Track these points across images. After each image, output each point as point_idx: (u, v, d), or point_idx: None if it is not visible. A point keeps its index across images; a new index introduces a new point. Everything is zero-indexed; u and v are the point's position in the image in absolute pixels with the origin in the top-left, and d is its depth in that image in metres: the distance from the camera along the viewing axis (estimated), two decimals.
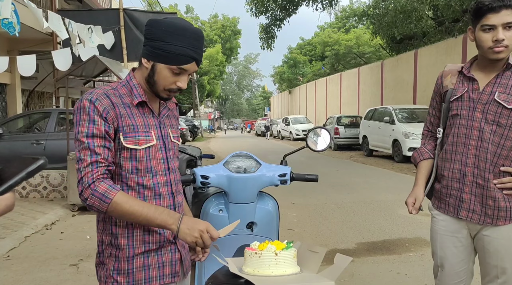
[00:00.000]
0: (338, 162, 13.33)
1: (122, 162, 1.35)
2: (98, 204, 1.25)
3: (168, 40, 1.31)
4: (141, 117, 1.39)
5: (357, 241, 4.66)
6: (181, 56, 1.32)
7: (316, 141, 2.16)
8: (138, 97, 1.39)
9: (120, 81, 1.44)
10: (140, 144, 1.36)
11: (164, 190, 1.42)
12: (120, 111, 1.34)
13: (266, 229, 2.07)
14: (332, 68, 32.71)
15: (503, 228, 1.76)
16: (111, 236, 1.37)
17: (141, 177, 1.37)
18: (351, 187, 8.16)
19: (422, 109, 13.58)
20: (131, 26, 7.47)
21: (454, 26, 17.11)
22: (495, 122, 1.73)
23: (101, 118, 1.30)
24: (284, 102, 42.28)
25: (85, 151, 1.27)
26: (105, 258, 1.38)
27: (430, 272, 3.71)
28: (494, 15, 1.65)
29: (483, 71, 1.80)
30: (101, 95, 1.33)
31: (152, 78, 1.36)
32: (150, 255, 1.38)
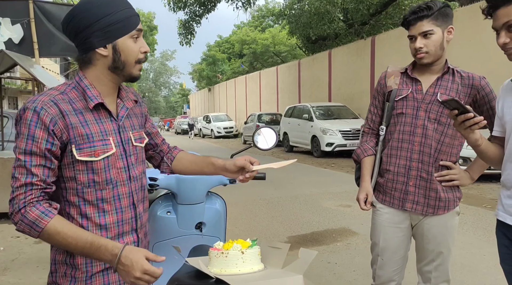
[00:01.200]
0: (261, 159, 13.38)
1: (77, 175, 1.23)
2: (28, 231, 1.15)
3: (109, 11, 1.21)
4: (96, 124, 1.26)
5: (287, 234, 4.84)
6: (131, 18, 1.25)
7: (262, 141, 2.21)
8: (94, 100, 1.25)
9: (68, 83, 1.28)
10: (96, 154, 1.24)
11: (126, 202, 1.32)
12: (70, 120, 1.20)
13: (215, 228, 2.08)
14: (251, 66, 33.26)
15: (442, 216, 1.96)
16: (66, 254, 1.26)
17: (99, 190, 1.26)
18: (277, 183, 8.40)
19: (337, 107, 14.42)
20: (42, 19, 6.88)
21: (362, 29, 18.38)
22: (436, 120, 1.92)
23: (45, 133, 1.16)
24: (204, 100, 42.04)
25: (20, 168, 1.15)
26: (59, 278, 1.27)
27: (357, 259, 4.00)
28: (412, 27, 1.88)
29: (423, 74, 1.98)
30: (47, 103, 1.17)
31: (119, 60, 1.25)
32: (110, 272, 1.29)
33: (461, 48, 9.53)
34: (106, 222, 1.28)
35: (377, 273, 2.10)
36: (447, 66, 1.94)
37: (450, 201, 1.96)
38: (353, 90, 15.48)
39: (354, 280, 3.48)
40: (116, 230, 1.30)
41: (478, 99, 1.92)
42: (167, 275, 1.64)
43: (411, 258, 2.13)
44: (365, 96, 14.66)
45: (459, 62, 2.65)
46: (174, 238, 2.00)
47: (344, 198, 6.74)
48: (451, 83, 1.93)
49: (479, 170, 1.97)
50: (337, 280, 3.50)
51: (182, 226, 2.00)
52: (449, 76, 1.94)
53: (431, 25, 1.83)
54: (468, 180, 1.96)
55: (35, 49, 6.68)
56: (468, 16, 9.82)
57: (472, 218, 5.25)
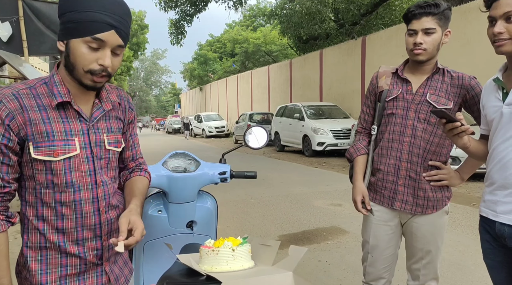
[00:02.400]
0: (253, 158, 13.63)
1: (36, 174, 1.18)
2: None
3: (78, 7, 1.11)
4: (61, 122, 1.19)
5: (279, 233, 4.86)
6: (95, 23, 1.11)
7: (252, 140, 2.23)
8: (58, 97, 1.18)
9: (40, 78, 1.23)
10: (56, 154, 1.17)
11: (89, 208, 1.24)
12: (29, 116, 1.14)
13: (206, 227, 2.09)
14: (242, 65, 33.25)
15: (430, 215, 1.99)
16: (23, 257, 1.22)
17: (58, 193, 1.19)
18: (268, 182, 8.43)
19: (328, 106, 14.49)
20: (32, 17, 6.81)
21: (353, 29, 18.50)
22: (426, 120, 1.94)
23: (1, 127, 1.11)
24: (196, 99, 41.93)
25: None
26: (23, 279, 1.23)
27: (347, 257, 4.03)
28: (416, 21, 1.86)
29: (414, 73, 2.00)
30: (7, 97, 1.12)
31: (69, 60, 1.15)
32: (69, 281, 1.23)
33: (451, 48, 9.65)
34: (64, 226, 1.22)
35: (367, 270, 2.13)
36: (436, 66, 1.97)
37: (439, 201, 1.99)
38: (344, 90, 15.57)
39: (344, 278, 3.51)
40: (75, 235, 1.23)
41: (468, 99, 1.94)
42: (159, 273, 1.65)
43: (401, 256, 2.16)
44: (356, 96, 14.76)
45: (448, 62, 2.68)
46: (165, 236, 2.00)
47: (335, 197, 6.78)
48: (440, 83, 1.95)
49: (469, 170, 1.98)
50: (327, 278, 3.53)
51: (173, 225, 2.00)
52: (439, 76, 1.96)
53: (434, 23, 1.84)
54: (458, 180, 1.98)
55: (24, 47, 6.62)
56: (457, 17, 9.93)
57: (460, 216, 5.32)
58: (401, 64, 2.07)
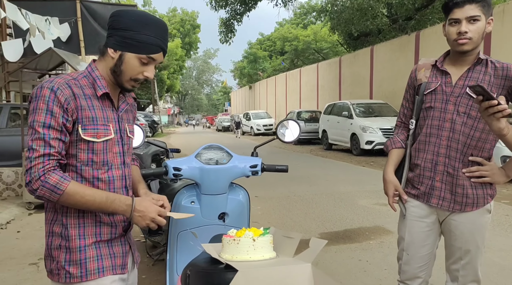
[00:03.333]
0: (299, 156, 13.57)
1: (78, 153, 1.35)
2: (49, 195, 1.25)
3: (138, 29, 1.33)
4: (101, 110, 1.39)
5: (320, 231, 4.81)
6: (151, 46, 1.35)
7: (285, 133, 2.22)
8: (102, 89, 1.39)
9: (80, 72, 1.42)
10: (98, 136, 1.36)
11: (119, 184, 1.44)
12: (80, 102, 1.33)
13: (238, 219, 2.11)
14: (291, 63, 33.12)
15: (470, 213, 1.89)
16: (62, 227, 1.36)
17: (96, 170, 1.38)
18: (313, 180, 8.35)
19: (378, 104, 14.09)
20: (88, 18, 7.23)
21: (407, 24, 17.81)
22: (466, 114, 1.84)
23: (60, 110, 1.28)
24: (245, 98, 42.34)
25: (39, 141, 1.26)
26: (54, 250, 1.37)
27: (389, 258, 3.91)
28: (459, 9, 1.77)
29: (455, 65, 1.90)
30: (62, 85, 1.31)
31: (119, 68, 1.37)
32: (102, 246, 1.39)
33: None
34: None
35: (402, 269, 2.06)
36: (478, 57, 1.86)
37: (479, 198, 1.88)
38: (395, 87, 15.05)
39: (384, 278, 3.41)
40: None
41: None
42: (187, 260, 1.70)
43: (441, 255, 2.07)
44: None
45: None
46: (197, 227, 2.05)
47: (381, 196, 6.59)
48: (482, 75, 1.84)
49: None
50: (367, 277, 3.45)
51: (205, 216, 2.04)
52: (481, 68, 1.85)
53: (478, 11, 1.75)
54: (503, 177, 1.86)
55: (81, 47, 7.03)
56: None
57: None
58: (441, 56, 1.98)
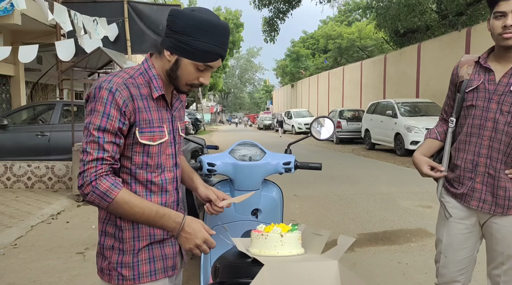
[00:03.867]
0: (340, 155, 13.36)
1: (134, 156, 1.31)
2: (98, 202, 1.22)
3: (196, 35, 1.24)
4: (156, 111, 1.34)
5: (358, 231, 4.72)
6: (209, 53, 1.27)
7: (320, 131, 2.20)
8: (158, 91, 1.32)
9: (136, 68, 1.35)
10: (154, 139, 1.32)
11: (170, 186, 1.40)
12: (138, 104, 1.28)
13: (271, 215, 2.12)
14: (334, 61, 32.66)
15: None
16: (115, 228, 1.32)
17: (150, 173, 1.34)
18: (353, 180, 8.21)
19: (425, 103, 13.59)
20: (135, 18, 7.49)
21: (457, 20, 17.04)
22: (510, 113, 1.74)
23: (118, 113, 1.23)
24: (287, 96, 42.24)
25: (93, 144, 1.22)
26: (107, 250, 1.34)
27: (430, 261, 3.77)
28: (505, 2, 1.68)
29: (499, 62, 1.81)
30: (121, 86, 1.25)
31: (174, 72, 1.30)
32: (154, 247, 1.35)
33: None
34: (152, 201, 1.34)
35: (440, 272, 1.99)
36: None
37: None
38: (443, 86, 14.43)
39: (424, 282, 3.30)
40: None
41: None
42: (220, 253, 1.73)
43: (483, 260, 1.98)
44: None
45: None
46: (231, 222, 2.08)
47: (425, 198, 6.37)
48: None
49: None
50: (406, 280, 3.35)
51: (238, 211, 2.07)
52: None
53: None
54: None
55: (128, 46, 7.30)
56: None
57: None
58: (484, 52, 1.88)
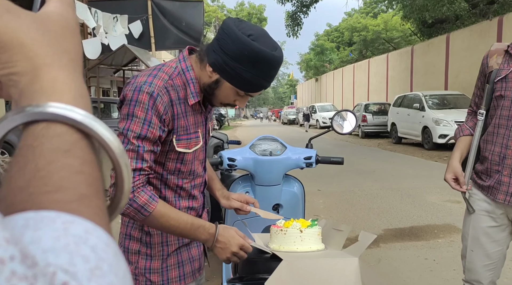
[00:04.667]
0: (366, 150, 13.16)
1: (167, 162, 1.24)
2: (134, 215, 1.12)
3: (247, 66, 1.13)
4: (192, 116, 1.25)
5: (384, 227, 4.64)
6: (254, 85, 1.18)
7: (342, 125, 2.16)
8: (195, 97, 1.22)
9: (173, 66, 1.23)
10: (190, 147, 1.25)
11: (197, 191, 1.35)
12: (177, 110, 1.19)
13: (292, 211, 2.10)
14: (360, 54, 32.13)
15: None
16: (142, 233, 1.27)
17: (181, 179, 1.28)
18: (379, 174, 8.07)
19: (454, 95, 13.19)
20: (158, 15, 7.56)
21: (488, 8, 16.43)
22: None
23: (158, 120, 1.14)
24: (311, 90, 41.91)
25: (132, 153, 1.12)
26: (132, 254, 1.27)
27: (459, 258, 3.64)
28: None
29: None
30: (162, 90, 1.15)
31: (212, 90, 1.21)
32: (182, 251, 1.32)
33: None
34: (180, 206, 1.30)
35: (466, 267, 1.93)
36: None
37: None
38: (473, 78, 13.80)
39: (452, 279, 3.21)
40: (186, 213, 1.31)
41: None
42: None
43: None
44: None
45: None
46: (252, 217, 2.07)
47: (453, 193, 6.13)
48: None
49: None
50: (433, 277, 3.27)
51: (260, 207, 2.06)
52: None
53: None
54: None
55: (152, 43, 7.38)
56: None
57: None
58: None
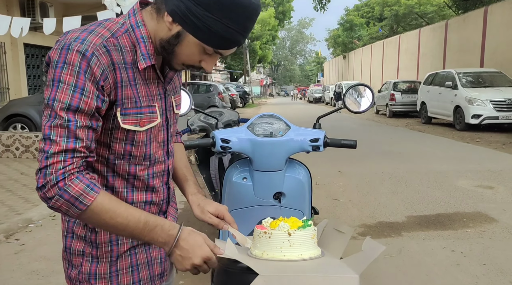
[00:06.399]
0: (393, 130, 12.63)
1: (113, 143, 1.00)
2: (67, 209, 0.88)
3: (217, 14, 0.90)
4: (144, 85, 1.00)
5: (407, 213, 4.31)
6: (225, 40, 0.95)
7: (360, 102, 1.85)
8: (147, 60, 0.98)
9: (120, 22, 0.99)
10: (141, 124, 1.00)
11: (159, 182, 1.10)
12: (121, 76, 0.95)
13: (297, 200, 1.83)
14: (390, 30, 30.88)
15: None
16: (86, 229, 1.03)
17: (134, 165, 1.03)
18: (405, 156, 7.65)
19: (491, 73, 12.42)
20: None
21: None
22: None
23: (94, 86, 0.90)
24: (338, 68, 40.88)
25: (60, 129, 0.88)
26: (75, 256, 1.04)
27: (490, 251, 3.33)
28: None
29: None
30: (100, 49, 0.91)
31: (171, 46, 0.96)
32: (138, 251, 1.07)
33: None
34: (133, 199, 1.06)
35: None
36: None
37: None
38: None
39: (482, 275, 2.89)
40: (142, 209, 1.05)
41: None
42: None
43: None
44: None
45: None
46: (250, 206, 1.82)
47: (486, 177, 5.75)
48: None
49: None
50: (460, 272, 2.95)
51: (258, 195, 1.80)
52: None
53: None
54: None
55: None
56: None
57: None
58: None
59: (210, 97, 15.43)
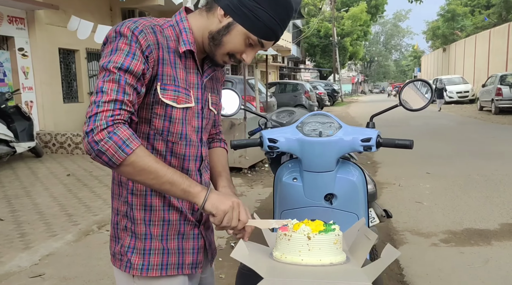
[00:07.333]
0: (496, 128, 11.41)
1: (153, 118, 1.09)
2: (113, 153, 0.95)
3: (265, 5, 1.06)
4: (183, 71, 1.12)
5: (501, 221, 3.87)
6: (269, 30, 1.09)
7: (409, 98, 1.72)
8: (187, 45, 1.10)
9: (167, 20, 1.15)
10: (178, 101, 1.09)
11: (192, 165, 1.17)
12: (163, 54, 1.07)
13: (350, 203, 1.76)
14: (499, 18, 27.87)
15: None
16: (127, 205, 1.14)
17: (172, 142, 1.12)
18: (508, 157, 6.86)
19: None
20: None
21: None
22: None
23: (142, 55, 1.03)
24: (437, 62, 38.07)
25: (112, 83, 0.99)
26: (120, 231, 1.16)
27: None
28: None
29: None
30: (147, 28, 1.05)
31: (220, 36, 1.09)
32: (170, 237, 1.15)
33: None
34: None
35: None
36: None
37: None
38: None
39: None
40: None
41: None
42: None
43: None
44: None
45: None
46: (300, 208, 1.79)
47: None
48: None
49: None
50: None
51: (309, 196, 1.76)
52: None
53: None
54: None
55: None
56: None
57: None
58: None
59: (297, 96, 15.44)
